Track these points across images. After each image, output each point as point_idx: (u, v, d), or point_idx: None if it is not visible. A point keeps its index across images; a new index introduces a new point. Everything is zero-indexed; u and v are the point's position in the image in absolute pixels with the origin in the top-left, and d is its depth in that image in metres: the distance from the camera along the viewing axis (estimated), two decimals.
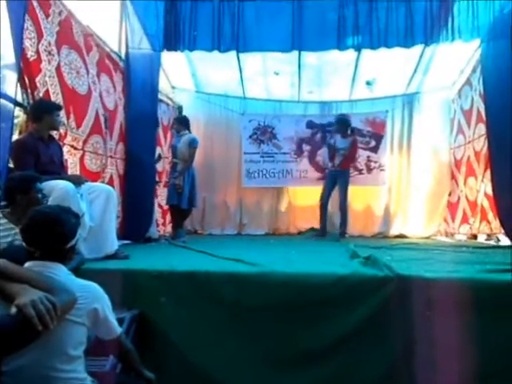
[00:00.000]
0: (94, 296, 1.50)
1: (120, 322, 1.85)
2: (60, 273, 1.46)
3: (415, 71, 5.95)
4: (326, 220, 5.66)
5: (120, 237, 3.82)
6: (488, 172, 4.69)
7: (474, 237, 5.67)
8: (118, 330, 1.61)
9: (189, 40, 4.56)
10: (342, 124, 5.63)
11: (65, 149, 3.42)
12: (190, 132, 5.18)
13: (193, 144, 4.98)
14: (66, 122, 3.37)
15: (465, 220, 5.90)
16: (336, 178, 5.57)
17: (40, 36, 3.04)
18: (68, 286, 1.38)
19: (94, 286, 1.54)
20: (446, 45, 4.56)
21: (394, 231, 6.43)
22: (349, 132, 5.64)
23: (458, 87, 6.06)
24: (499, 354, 2.13)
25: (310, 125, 6.68)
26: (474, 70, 5.40)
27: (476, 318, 2.14)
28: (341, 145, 5.52)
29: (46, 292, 1.25)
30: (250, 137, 6.71)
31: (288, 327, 2.25)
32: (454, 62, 5.67)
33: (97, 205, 2.93)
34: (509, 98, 4.04)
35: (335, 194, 5.73)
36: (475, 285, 2.23)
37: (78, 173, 3.54)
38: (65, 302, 1.30)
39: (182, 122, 5.19)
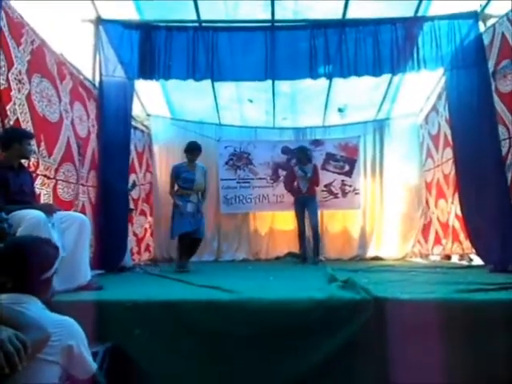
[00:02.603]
0: (68, 332, 1.42)
1: (93, 355, 1.77)
2: (33, 307, 1.39)
3: (384, 98, 6.19)
4: (305, 246, 5.75)
5: (93, 267, 3.72)
6: (457, 194, 4.85)
7: (448, 257, 5.79)
8: (94, 367, 1.52)
9: (164, 69, 4.61)
10: (302, 152, 5.81)
11: (39, 180, 3.36)
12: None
13: (207, 174, 4.95)
14: (37, 150, 3.31)
15: (438, 241, 6.03)
16: (305, 204, 5.70)
17: (10, 64, 3.02)
18: (41, 321, 1.31)
19: (69, 322, 1.47)
20: (412, 74, 4.78)
21: (370, 253, 6.50)
22: (308, 159, 5.84)
23: (425, 113, 6.32)
24: (475, 371, 2.15)
25: (286, 150, 6.78)
26: (439, 97, 5.66)
27: (452, 337, 2.16)
28: (307, 173, 5.69)
29: (17, 329, 1.17)
30: (227, 163, 6.75)
31: (266, 355, 2.21)
32: (420, 90, 5.94)
33: (69, 234, 2.84)
34: (472, 123, 4.24)
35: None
36: (450, 305, 2.26)
37: (47, 202, 3.45)
38: (36, 339, 1.22)
39: (199, 150, 4.84)
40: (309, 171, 5.69)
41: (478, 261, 4.66)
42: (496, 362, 2.14)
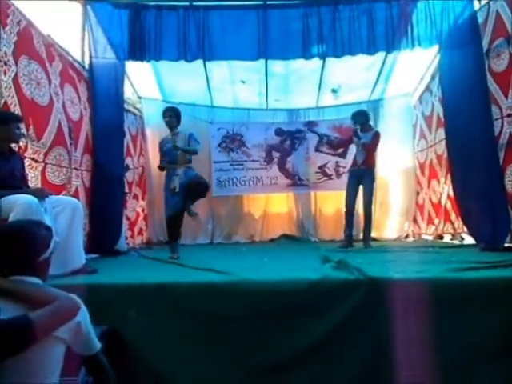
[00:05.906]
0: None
1: None
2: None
3: (378, 79, 6.14)
4: (352, 228, 5.03)
5: (88, 251, 3.71)
6: (449, 174, 4.86)
7: (440, 237, 5.85)
8: (98, 346, 1.54)
9: (154, 49, 4.51)
10: (363, 116, 5.10)
11: (26, 162, 3.30)
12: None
13: (192, 137, 4.13)
14: (26, 134, 3.25)
15: (430, 221, 6.09)
16: (360, 178, 4.93)
17: None
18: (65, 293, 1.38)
19: (77, 300, 1.49)
20: (406, 52, 4.73)
21: None
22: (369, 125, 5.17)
23: (419, 94, 6.29)
24: (470, 349, 2.19)
25: (279, 132, 6.74)
26: (433, 77, 5.62)
27: (444, 314, 2.20)
28: (362, 139, 4.92)
29: (49, 302, 1.29)
30: (219, 145, 6.70)
31: (261, 336, 2.24)
32: (414, 70, 5.89)
33: (62, 218, 2.83)
34: (465, 102, 4.22)
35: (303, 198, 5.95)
36: (442, 283, 2.30)
37: (39, 186, 3.40)
38: (72, 307, 1.39)
39: (178, 115, 4.17)
40: (365, 137, 4.90)
41: (469, 240, 4.72)
42: (486, 337, 2.19)
